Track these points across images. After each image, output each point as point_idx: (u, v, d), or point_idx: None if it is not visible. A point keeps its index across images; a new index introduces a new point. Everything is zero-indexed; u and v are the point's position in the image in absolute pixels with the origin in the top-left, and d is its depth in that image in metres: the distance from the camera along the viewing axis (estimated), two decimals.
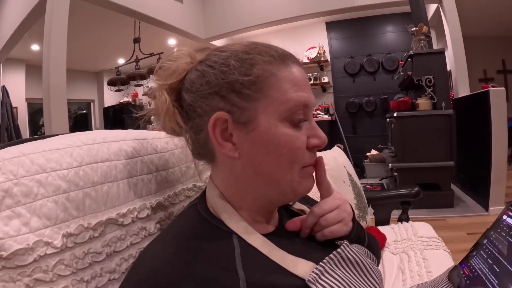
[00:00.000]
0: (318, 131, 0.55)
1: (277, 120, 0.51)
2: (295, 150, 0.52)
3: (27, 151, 0.51)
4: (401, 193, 1.55)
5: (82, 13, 4.62)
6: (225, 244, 0.50)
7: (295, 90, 0.52)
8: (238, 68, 0.52)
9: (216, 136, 0.52)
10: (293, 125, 0.52)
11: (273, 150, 0.51)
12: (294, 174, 0.53)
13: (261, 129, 0.51)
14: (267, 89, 0.51)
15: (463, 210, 3.33)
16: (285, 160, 0.52)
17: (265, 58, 0.53)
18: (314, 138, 0.54)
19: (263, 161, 0.52)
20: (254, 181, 0.54)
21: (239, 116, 0.51)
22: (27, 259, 0.43)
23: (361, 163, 5.45)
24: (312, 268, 0.49)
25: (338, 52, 6.14)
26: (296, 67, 0.55)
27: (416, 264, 1.09)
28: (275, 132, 0.51)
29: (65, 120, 3.14)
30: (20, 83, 6.44)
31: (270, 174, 0.53)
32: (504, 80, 6.73)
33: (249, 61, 0.52)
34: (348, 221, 0.61)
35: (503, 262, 0.48)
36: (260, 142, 0.51)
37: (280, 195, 0.55)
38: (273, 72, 0.52)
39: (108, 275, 0.54)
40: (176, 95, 0.58)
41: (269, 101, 0.51)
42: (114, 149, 0.63)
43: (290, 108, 0.51)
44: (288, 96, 0.52)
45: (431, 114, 3.41)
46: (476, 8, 5.05)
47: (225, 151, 0.53)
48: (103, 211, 0.56)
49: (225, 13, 5.78)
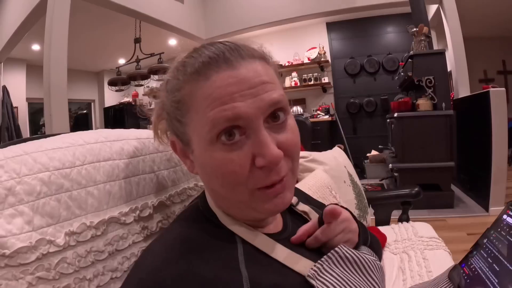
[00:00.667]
0: (263, 148, 0.45)
1: (206, 144, 0.47)
2: (229, 174, 0.46)
3: (29, 149, 0.51)
4: (401, 193, 1.55)
5: (83, 13, 4.62)
6: (228, 243, 0.50)
7: (214, 106, 0.45)
8: (169, 94, 0.51)
9: (178, 154, 0.55)
10: (224, 147, 0.46)
11: (210, 173, 0.49)
12: (243, 195, 0.48)
13: (197, 153, 0.50)
14: (189, 112, 0.48)
15: (463, 211, 3.33)
16: (225, 183, 0.47)
17: (186, 77, 0.48)
18: (259, 158, 0.45)
19: (209, 181, 0.52)
20: (217, 197, 0.54)
21: (182, 138, 0.52)
22: (30, 257, 0.44)
23: (362, 164, 5.44)
24: (311, 266, 0.50)
25: (338, 53, 6.14)
26: (224, 73, 0.46)
27: (416, 264, 1.09)
28: (206, 156, 0.48)
29: (66, 120, 3.14)
30: (21, 83, 6.44)
31: (219, 193, 0.51)
32: (504, 81, 6.73)
33: (177, 85, 0.50)
34: (354, 241, 0.60)
35: (503, 262, 0.48)
36: (200, 164, 0.51)
37: (242, 213, 0.52)
38: (192, 92, 0.47)
39: (110, 273, 0.54)
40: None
41: (194, 125, 0.48)
42: (116, 148, 0.63)
43: (210, 129, 0.45)
44: (206, 116, 0.45)
45: (431, 114, 3.41)
46: (476, 9, 5.05)
47: (187, 167, 0.55)
48: (105, 209, 0.56)
49: (225, 13, 5.78)
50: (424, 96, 3.50)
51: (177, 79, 0.50)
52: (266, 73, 0.48)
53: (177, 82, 0.49)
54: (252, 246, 0.50)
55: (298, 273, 0.49)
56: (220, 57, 0.47)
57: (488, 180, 3.17)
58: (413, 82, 3.56)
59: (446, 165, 3.34)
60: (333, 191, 1.27)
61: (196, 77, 0.47)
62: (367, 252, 0.56)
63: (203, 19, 5.91)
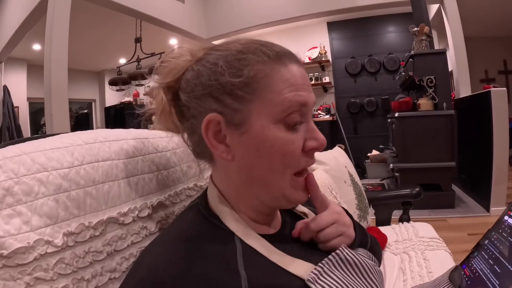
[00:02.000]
0: (316, 133, 0.53)
1: (270, 123, 0.49)
2: (288, 155, 0.50)
3: (28, 149, 0.51)
4: (402, 193, 1.55)
5: (84, 13, 4.63)
6: (227, 244, 0.50)
7: (291, 90, 0.50)
8: (228, 69, 0.50)
9: (209, 138, 0.52)
10: (288, 128, 0.50)
11: (266, 154, 0.50)
12: (286, 180, 0.52)
13: (254, 132, 0.50)
14: (260, 90, 0.50)
15: (464, 211, 3.33)
16: (278, 165, 0.50)
17: (259, 58, 0.51)
18: (311, 141, 0.52)
19: (255, 165, 0.51)
20: (248, 184, 0.53)
21: (232, 117, 0.50)
22: (28, 257, 0.43)
23: (362, 164, 5.44)
24: (311, 269, 0.49)
25: (339, 52, 6.14)
26: (295, 66, 0.52)
27: (417, 264, 1.09)
28: (268, 135, 0.49)
29: (67, 119, 3.14)
30: (22, 82, 6.45)
31: (262, 178, 0.52)
32: (505, 81, 6.72)
33: (242, 62, 0.51)
34: (349, 233, 0.60)
35: (504, 263, 0.48)
36: (253, 145, 0.50)
37: (274, 201, 0.54)
38: (267, 72, 0.50)
39: (109, 274, 0.54)
40: (174, 94, 0.57)
41: (263, 103, 0.50)
42: (115, 148, 0.63)
43: (284, 110, 0.49)
44: (283, 96, 0.49)
45: (432, 114, 3.41)
46: (477, 9, 5.05)
47: (219, 153, 0.52)
48: (104, 210, 0.56)
49: (226, 13, 5.78)
50: (425, 96, 3.49)
51: (241, 60, 0.51)
52: None
53: (244, 62, 0.50)
54: (251, 247, 0.50)
55: (298, 276, 0.49)
56: (289, 53, 0.54)
57: (489, 180, 3.17)
58: (414, 82, 3.55)
59: (447, 165, 3.34)
60: (334, 191, 1.27)
61: (276, 61, 0.51)
62: (366, 255, 0.56)
63: (203, 19, 5.91)
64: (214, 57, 0.52)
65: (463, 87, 4.06)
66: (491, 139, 3.13)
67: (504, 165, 3.14)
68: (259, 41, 0.54)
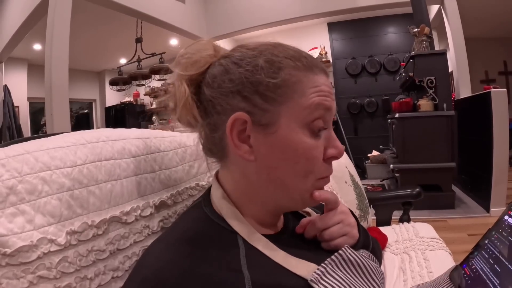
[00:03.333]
0: (336, 141, 0.54)
1: (298, 126, 0.50)
2: (312, 160, 0.51)
3: (31, 148, 0.51)
4: (402, 193, 1.55)
5: (85, 13, 4.63)
6: (230, 244, 0.50)
7: (319, 95, 0.51)
8: (266, 69, 0.50)
9: (233, 137, 0.51)
10: (312, 134, 0.51)
11: (290, 157, 0.50)
12: (308, 184, 0.52)
13: (281, 133, 0.50)
14: (291, 93, 0.50)
15: (464, 211, 3.33)
16: (301, 169, 0.51)
17: (294, 63, 0.51)
18: (331, 149, 0.53)
19: (278, 166, 0.51)
20: (265, 186, 0.53)
21: (260, 118, 0.50)
22: (31, 256, 0.43)
23: (363, 164, 5.44)
24: (314, 269, 0.49)
25: (339, 53, 6.14)
26: (323, 76, 0.54)
27: (417, 264, 1.09)
28: (295, 138, 0.50)
29: (67, 119, 3.14)
30: (22, 82, 6.45)
31: (284, 181, 0.52)
32: (505, 82, 6.72)
33: (277, 64, 0.51)
34: (353, 234, 0.60)
35: (505, 262, 0.48)
36: (278, 147, 0.50)
37: (290, 202, 0.55)
38: (300, 78, 0.51)
39: (112, 272, 0.54)
40: (196, 88, 0.56)
41: (292, 105, 0.50)
42: (118, 147, 0.63)
43: (312, 112, 0.50)
44: (311, 100, 0.50)
45: (432, 115, 3.41)
46: (478, 9, 5.05)
47: (241, 153, 0.51)
48: (106, 209, 0.56)
49: (227, 13, 5.78)
50: (425, 96, 3.49)
51: (276, 62, 0.51)
52: None
53: (279, 65, 0.51)
54: (254, 248, 0.50)
55: (301, 276, 0.49)
56: (318, 62, 0.55)
57: (489, 181, 3.17)
58: (414, 82, 3.55)
59: (447, 165, 3.34)
60: (335, 191, 1.27)
61: (308, 69, 0.52)
62: (368, 256, 0.56)
63: (204, 19, 5.91)
64: (249, 56, 0.52)
65: (463, 88, 4.06)
66: (491, 140, 3.13)
67: (504, 165, 3.15)
68: (289, 46, 0.56)
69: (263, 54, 0.52)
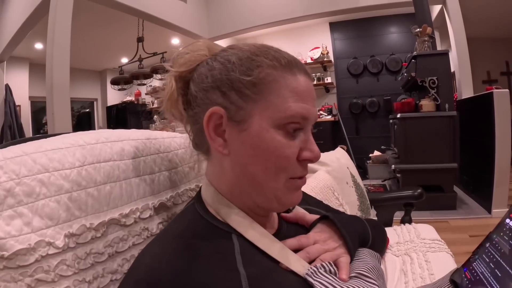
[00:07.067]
0: (313, 145, 0.54)
1: (270, 126, 0.51)
2: (283, 158, 0.52)
3: (29, 150, 0.51)
4: (404, 194, 1.54)
5: (86, 12, 4.63)
6: (225, 242, 0.50)
7: (296, 100, 0.52)
8: (239, 67, 0.52)
9: (209, 130, 0.53)
10: (287, 134, 0.52)
11: (261, 154, 0.51)
12: (279, 182, 0.53)
13: (253, 131, 0.51)
14: (267, 93, 0.51)
15: (466, 212, 3.32)
16: (272, 166, 0.52)
17: (271, 62, 0.53)
18: (307, 151, 0.54)
19: (249, 163, 0.52)
20: (240, 181, 0.54)
21: (234, 114, 0.52)
22: (29, 259, 0.43)
23: (364, 164, 5.43)
24: (309, 265, 0.50)
25: (341, 53, 6.13)
26: (303, 77, 0.54)
27: (418, 266, 1.08)
28: (266, 137, 0.51)
29: (68, 118, 3.15)
30: (24, 81, 6.46)
31: (255, 176, 0.53)
32: (507, 82, 6.69)
33: (254, 63, 0.52)
34: (340, 251, 0.59)
35: (505, 267, 0.48)
36: (249, 144, 0.52)
37: (264, 201, 0.55)
38: (276, 78, 0.52)
39: (110, 275, 0.53)
40: (184, 84, 0.59)
41: (267, 105, 0.51)
42: (117, 149, 0.63)
43: (287, 117, 0.51)
44: (287, 104, 0.51)
45: (434, 115, 3.40)
46: (480, 9, 5.03)
47: (216, 146, 0.54)
48: (105, 211, 0.56)
49: (228, 13, 5.78)
50: (427, 96, 3.49)
51: (253, 60, 0.53)
52: None
53: (255, 63, 0.52)
54: (249, 244, 0.51)
55: (296, 272, 0.50)
56: (300, 64, 0.55)
57: (491, 182, 3.16)
58: (416, 82, 3.54)
59: (449, 166, 3.33)
60: (336, 193, 1.26)
61: (286, 69, 0.53)
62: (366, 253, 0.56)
63: (206, 19, 5.91)
64: (228, 54, 0.55)
65: (465, 88, 4.05)
66: (493, 141, 3.12)
67: (506, 166, 3.14)
68: (272, 47, 0.56)
69: (242, 52, 0.54)
